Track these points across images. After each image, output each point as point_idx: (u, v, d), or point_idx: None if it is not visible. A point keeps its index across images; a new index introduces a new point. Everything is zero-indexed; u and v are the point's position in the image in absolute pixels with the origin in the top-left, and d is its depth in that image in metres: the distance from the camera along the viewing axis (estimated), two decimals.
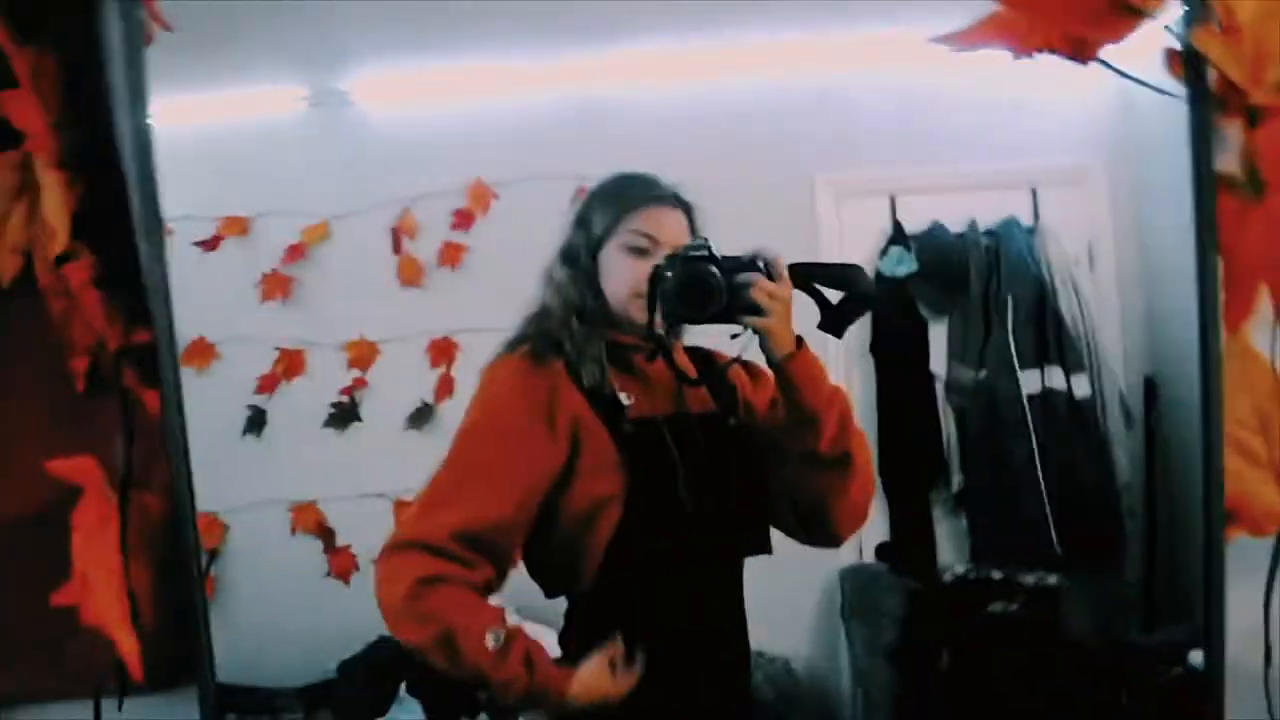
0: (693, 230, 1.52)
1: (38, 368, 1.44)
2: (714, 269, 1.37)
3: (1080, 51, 1.12)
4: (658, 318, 1.43)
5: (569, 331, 1.48)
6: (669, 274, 1.39)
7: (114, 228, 1.46)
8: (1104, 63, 1.14)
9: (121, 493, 1.36)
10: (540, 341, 1.49)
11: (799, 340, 1.40)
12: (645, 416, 1.46)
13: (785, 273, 1.39)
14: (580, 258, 1.52)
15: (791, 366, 1.38)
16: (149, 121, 1.48)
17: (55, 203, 1.41)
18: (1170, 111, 2.63)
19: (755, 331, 1.38)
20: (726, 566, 1.52)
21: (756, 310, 1.36)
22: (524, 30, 2.89)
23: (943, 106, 2.96)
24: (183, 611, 1.44)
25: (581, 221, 1.55)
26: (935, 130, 2.99)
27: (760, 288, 1.36)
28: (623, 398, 1.46)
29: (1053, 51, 1.14)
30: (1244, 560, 1.27)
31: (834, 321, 1.45)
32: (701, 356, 1.57)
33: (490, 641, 1.34)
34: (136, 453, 1.44)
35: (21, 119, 1.40)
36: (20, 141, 1.42)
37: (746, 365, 1.56)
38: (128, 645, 1.32)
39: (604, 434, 1.44)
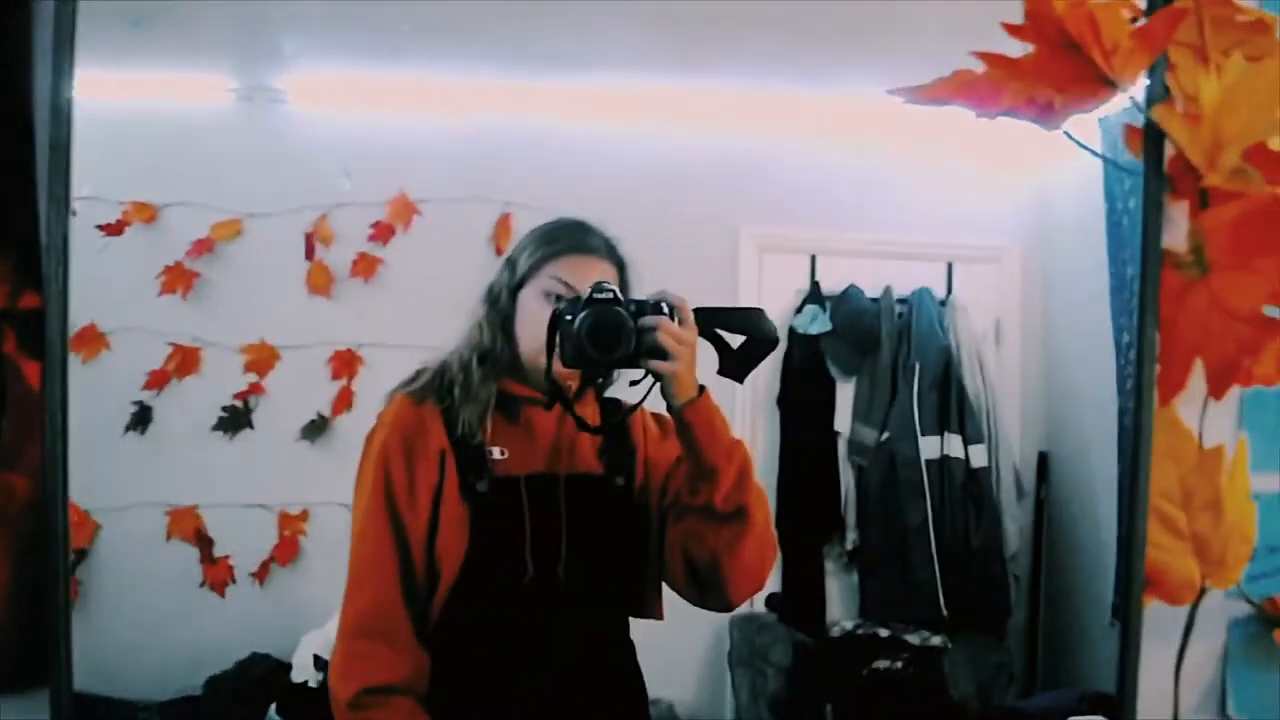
0: (623, 288, 1.45)
1: None
2: (623, 311, 1.31)
3: (1047, 116, 1.14)
4: (557, 364, 1.36)
5: (465, 374, 1.43)
6: (571, 317, 1.33)
7: (12, 183, 1.38)
8: (1067, 134, 1.17)
9: None
10: (427, 383, 1.44)
11: (701, 388, 1.33)
12: (508, 475, 1.41)
13: (690, 317, 1.34)
14: (500, 298, 1.47)
15: (691, 415, 1.32)
16: (70, 76, 1.41)
17: None
18: (1084, 202, 2.79)
19: (658, 377, 1.32)
20: (598, 633, 1.46)
21: (662, 354, 1.30)
22: (470, 50, 2.87)
23: (871, 175, 3.08)
24: (40, 609, 1.32)
25: (509, 261, 1.49)
26: (861, 197, 3.08)
27: (666, 331, 1.30)
28: (495, 452, 1.41)
29: (1017, 115, 1.16)
30: (1154, 629, 1.31)
31: (735, 366, 1.39)
32: (612, 407, 1.51)
33: None
34: (7, 428, 1.33)
35: None
36: None
37: (658, 417, 1.49)
38: None
39: (455, 488, 1.39)
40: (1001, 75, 1.16)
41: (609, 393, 1.49)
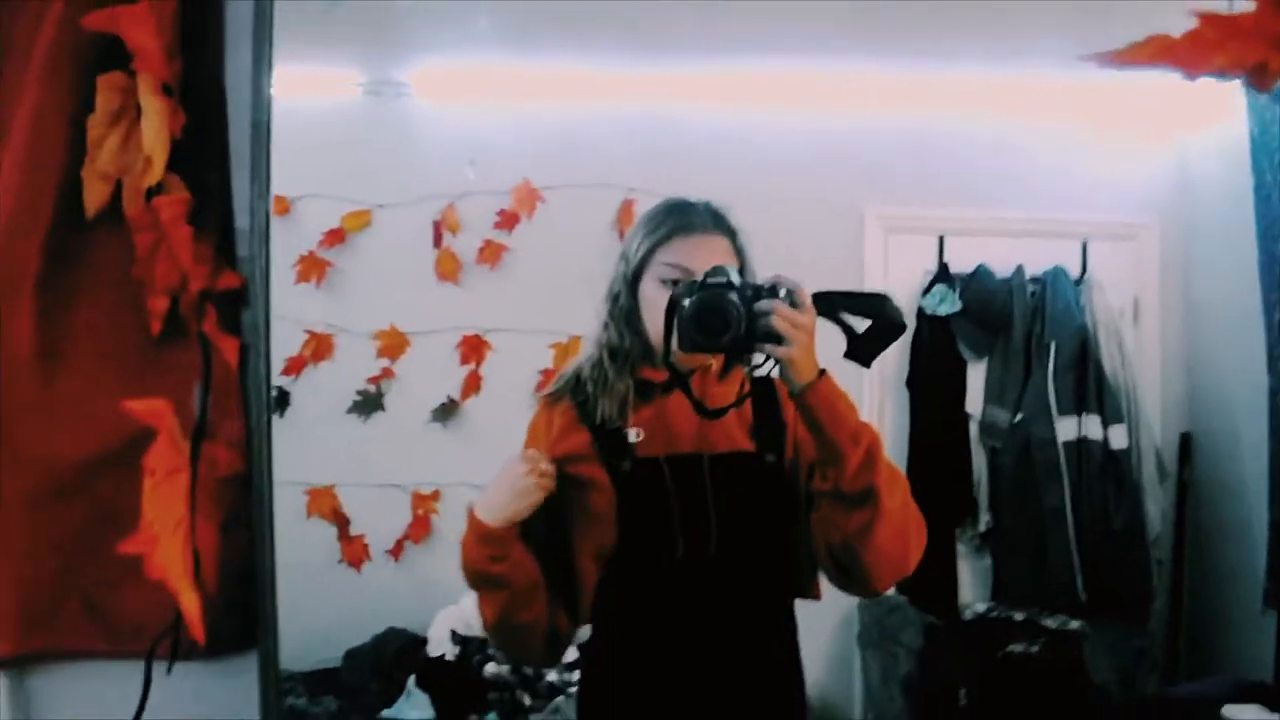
0: (740, 256, 1.47)
1: (116, 305, 1.36)
2: (732, 296, 1.31)
3: (1259, 78, 1.10)
4: (675, 348, 1.38)
5: (599, 371, 1.47)
6: (686, 302, 1.34)
7: (211, 164, 1.42)
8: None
9: (194, 443, 1.29)
10: (563, 386, 1.50)
11: (821, 371, 1.33)
12: (648, 456, 1.43)
13: (808, 301, 1.33)
14: (620, 294, 1.49)
15: (811, 398, 1.32)
16: (269, 61, 1.46)
17: (155, 129, 1.35)
18: (1227, 176, 2.69)
19: (776, 361, 1.33)
20: (752, 611, 1.46)
21: (777, 339, 1.30)
22: (589, 38, 2.90)
23: (1000, 152, 3.00)
24: (242, 577, 1.36)
25: (623, 254, 1.51)
26: (991, 175, 3.00)
27: (781, 315, 1.30)
28: (631, 434, 1.44)
29: (1228, 76, 1.12)
30: None
31: (861, 350, 1.38)
32: (761, 386, 1.47)
33: None
34: (211, 403, 1.36)
35: (136, 37, 1.34)
36: (128, 64, 1.36)
37: None
38: (190, 603, 1.25)
39: (602, 474, 1.43)
40: (1214, 35, 1.12)
41: (760, 372, 1.44)
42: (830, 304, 1.36)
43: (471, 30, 2.86)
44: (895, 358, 3.01)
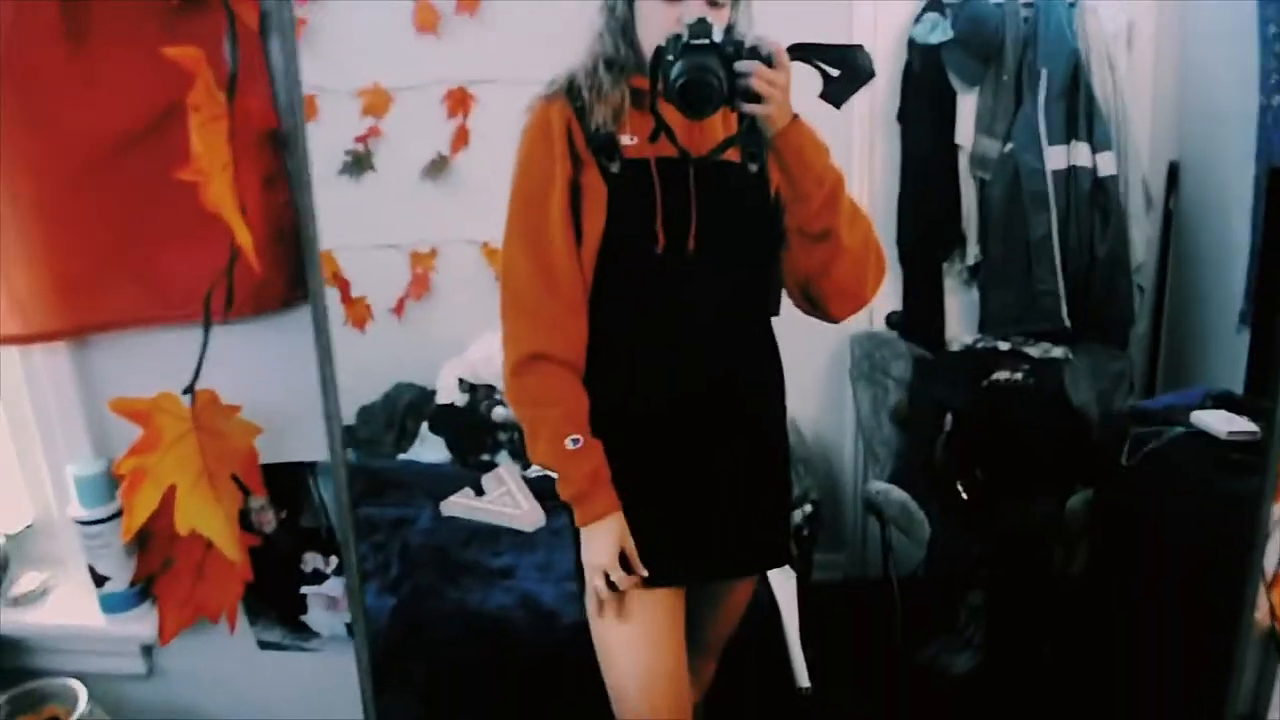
0: None
1: None
2: (714, 62, 1.39)
3: None
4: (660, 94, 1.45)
5: (593, 79, 1.52)
6: (671, 58, 1.41)
7: None
8: None
9: (229, 91, 1.32)
10: (559, 88, 1.54)
11: (794, 117, 1.45)
12: (639, 157, 1.50)
13: (785, 59, 1.43)
14: (616, 6, 1.53)
15: (780, 143, 1.45)
16: None
17: None
18: None
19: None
20: (737, 321, 1.58)
21: (755, 98, 1.41)
22: None
23: None
24: (280, 235, 1.43)
25: None
26: None
27: (759, 76, 1.40)
28: (624, 139, 1.50)
29: None
30: None
31: (833, 93, 1.50)
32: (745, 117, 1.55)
33: (569, 444, 1.48)
34: (240, 56, 1.37)
35: None
36: None
37: None
38: (245, 237, 1.31)
39: (596, 172, 1.50)
40: None
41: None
42: (806, 54, 1.47)
43: None
44: (885, 91, 2.96)
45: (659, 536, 1.54)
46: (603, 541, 1.50)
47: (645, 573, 1.52)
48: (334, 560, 1.61)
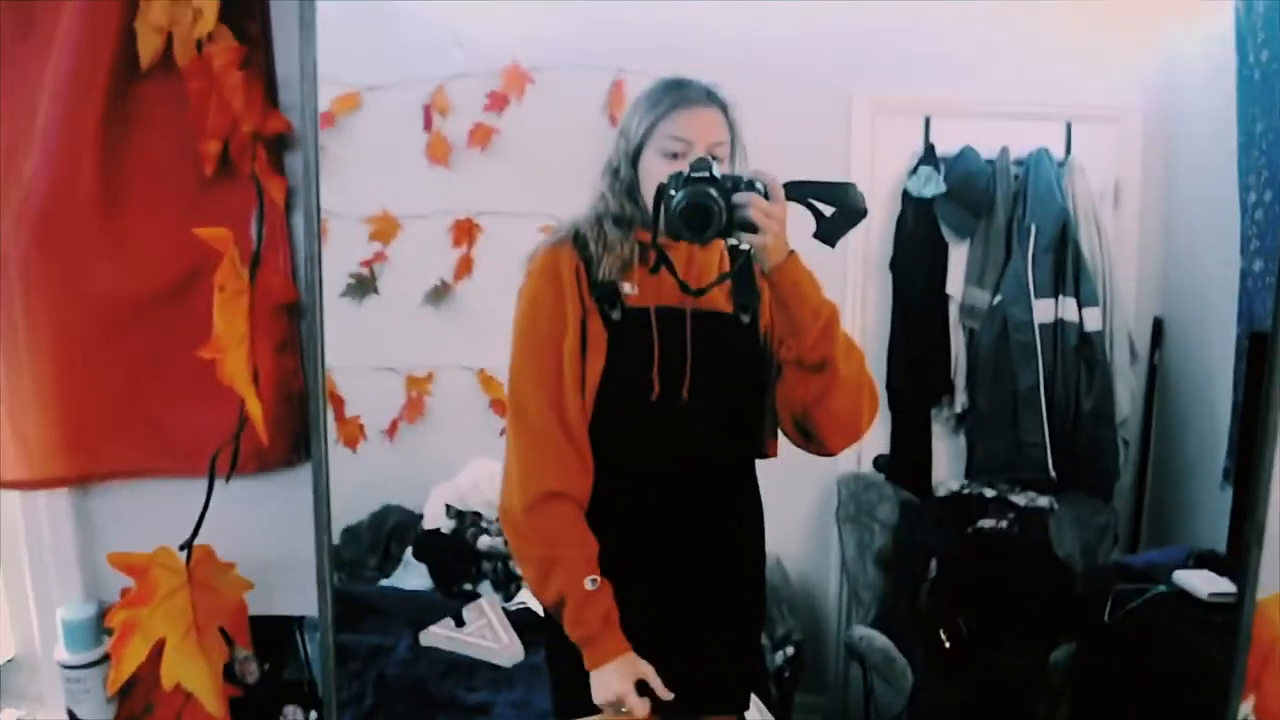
0: (730, 127, 1.58)
1: (171, 149, 1.48)
2: (714, 191, 1.46)
3: None
4: (662, 231, 1.52)
5: (599, 233, 1.58)
6: (673, 193, 1.47)
7: (254, 14, 1.48)
8: None
9: (252, 268, 1.40)
10: (564, 236, 1.60)
11: (790, 252, 1.50)
12: (639, 306, 1.57)
13: (780, 193, 1.49)
14: (620, 169, 1.61)
15: (778, 276, 1.49)
16: None
17: None
18: (1212, 58, 2.68)
19: (750, 247, 1.49)
20: (724, 465, 1.62)
21: (752, 228, 1.46)
22: None
23: (987, 33, 2.96)
24: (288, 398, 1.50)
25: (622, 131, 1.62)
26: (977, 57, 2.98)
27: (756, 207, 1.46)
28: (626, 287, 1.57)
29: None
30: None
31: (827, 232, 1.55)
32: (736, 255, 1.62)
33: (588, 584, 1.51)
34: (265, 234, 1.47)
35: None
36: None
37: None
38: (255, 408, 1.37)
39: (598, 318, 1.55)
40: None
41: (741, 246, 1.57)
42: (801, 191, 1.53)
43: None
44: (879, 240, 3.05)
45: None
46: (614, 678, 1.51)
47: (669, 695, 1.52)
48: (314, 716, 1.62)
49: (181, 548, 1.43)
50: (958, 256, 3.01)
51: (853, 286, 3.05)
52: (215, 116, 1.43)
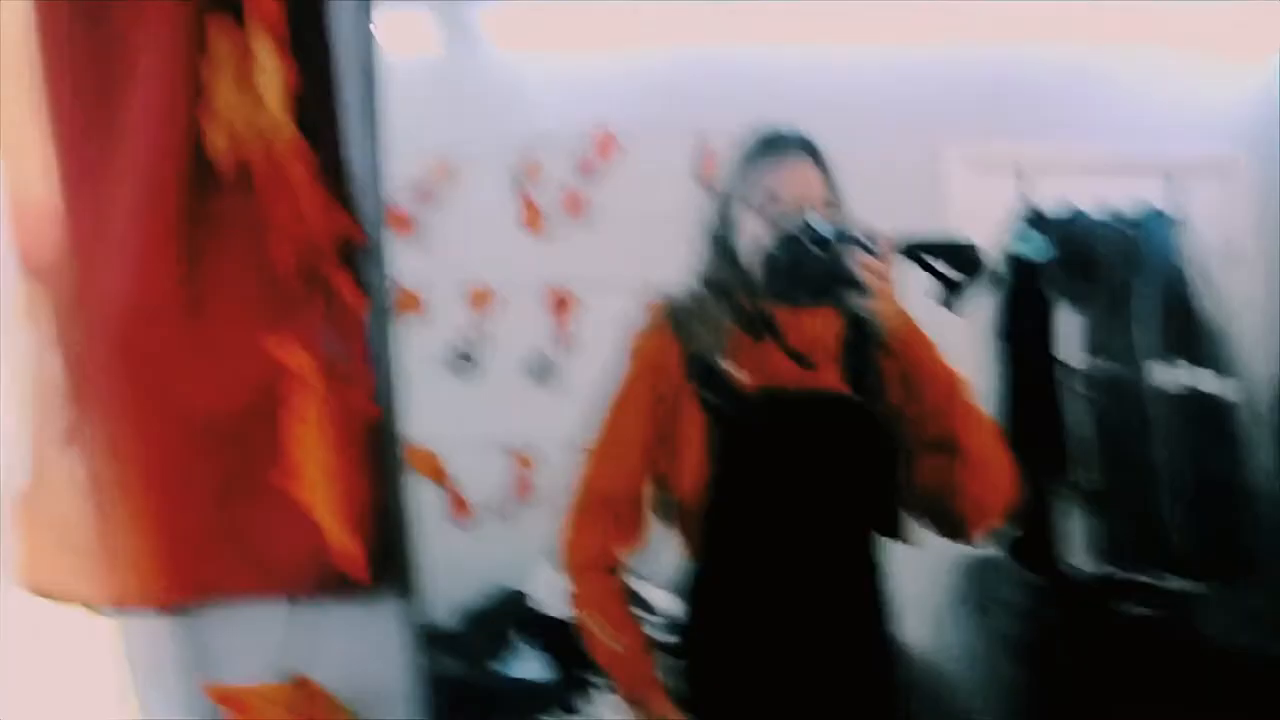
0: (824, 175, 1.51)
1: (247, 259, 1.44)
2: (817, 249, 1.38)
3: None
4: (764, 294, 1.47)
5: (696, 301, 1.53)
6: (774, 252, 1.42)
7: (325, 118, 1.44)
8: None
9: (330, 387, 1.37)
10: (658, 315, 1.55)
11: (907, 318, 1.41)
12: (743, 390, 1.48)
13: (889, 250, 1.39)
14: (716, 229, 1.55)
15: (896, 344, 1.39)
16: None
17: (276, 88, 1.38)
18: None
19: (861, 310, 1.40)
20: (848, 551, 1.53)
21: (860, 289, 1.37)
22: None
23: (1083, 84, 2.90)
24: (377, 516, 1.44)
25: (716, 192, 1.58)
26: (1074, 109, 2.92)
27: (865, 267, 1.37)
28: (728, 366, 1.48)
29: None
30: None
31: (948, 296, 1.46)
32: (854, 322, 1.52)
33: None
34: (339, 353, 1.43)
35: None
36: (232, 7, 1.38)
37: None
38: (340, 537, 1.34)
39: (694, 405, 1.48)
40: None
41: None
42: (914, 251, 1.44)
43: None
44: (987, 306, 2.94)
45: None
46: None
47: None
48: None
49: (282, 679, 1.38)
50: (1068, 321, 2.88)
51: (963, 356, 2.92)
52: (291, 226, 1.40)
